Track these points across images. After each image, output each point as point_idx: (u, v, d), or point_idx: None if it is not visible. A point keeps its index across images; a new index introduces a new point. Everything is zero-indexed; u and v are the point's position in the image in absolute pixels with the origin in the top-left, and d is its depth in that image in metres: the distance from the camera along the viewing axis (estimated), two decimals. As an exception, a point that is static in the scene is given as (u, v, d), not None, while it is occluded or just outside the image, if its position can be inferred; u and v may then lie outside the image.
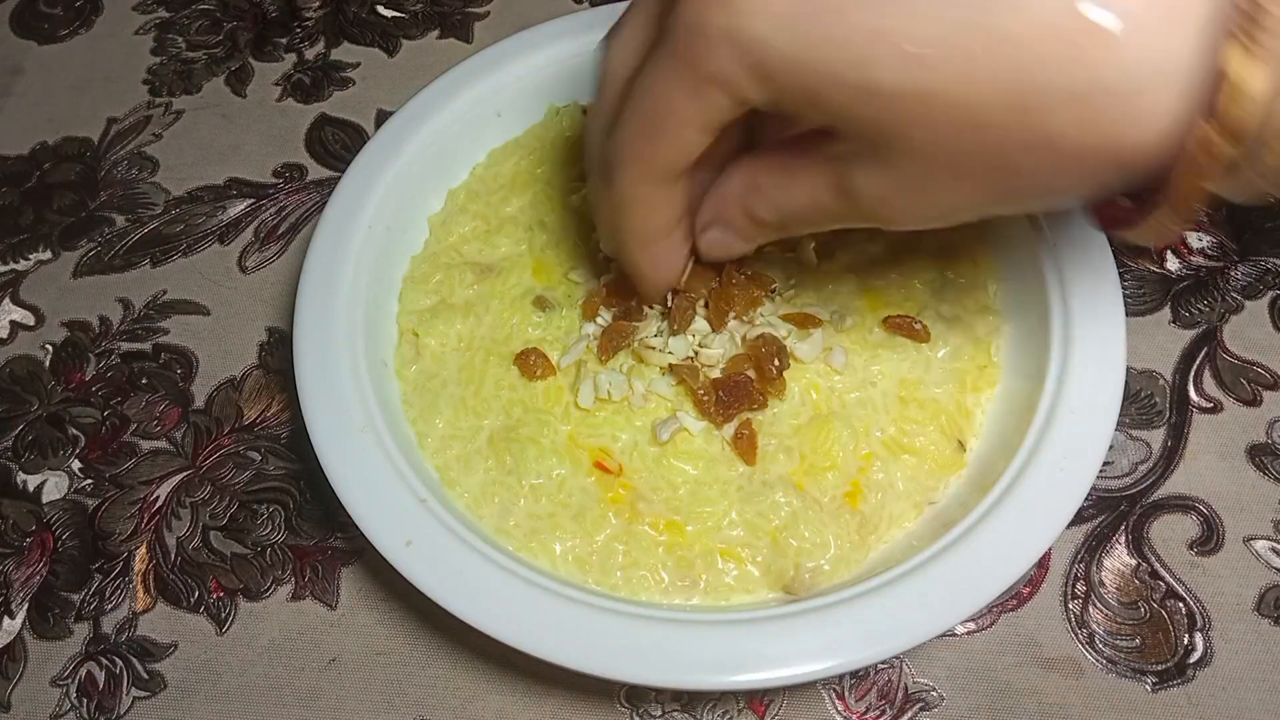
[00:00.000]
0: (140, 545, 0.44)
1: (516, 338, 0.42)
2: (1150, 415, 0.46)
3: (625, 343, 0.40)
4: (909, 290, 0.42)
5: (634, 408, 0.39)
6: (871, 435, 0.39)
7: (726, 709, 0.40)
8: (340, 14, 0.62)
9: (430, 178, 0.45)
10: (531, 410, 0.40)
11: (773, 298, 0.41)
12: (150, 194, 0.55)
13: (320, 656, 0.41)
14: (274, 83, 0.59)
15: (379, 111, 0.57)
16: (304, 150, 0.56)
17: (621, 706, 0.40)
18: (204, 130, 0.57)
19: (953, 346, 0.41)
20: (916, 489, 0.38)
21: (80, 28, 0.62)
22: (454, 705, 0.40)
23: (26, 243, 0.53)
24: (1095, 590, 0.41)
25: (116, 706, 0.40)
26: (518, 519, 0.38)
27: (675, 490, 0.38)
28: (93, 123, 0.58)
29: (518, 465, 0.38)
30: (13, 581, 0.43)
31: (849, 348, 0.40)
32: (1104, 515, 0.43)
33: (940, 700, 0.39)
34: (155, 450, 0.46)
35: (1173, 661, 0.40)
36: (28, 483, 0.46)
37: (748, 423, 0.38)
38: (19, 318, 0.51)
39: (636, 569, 0.37)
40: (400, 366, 0.42)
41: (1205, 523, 0.43)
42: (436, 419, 0.40)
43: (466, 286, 0.43)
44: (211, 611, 0.42)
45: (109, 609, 0.43)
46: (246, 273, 0.52)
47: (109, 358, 0.49)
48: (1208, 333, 0.48)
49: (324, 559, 0.43)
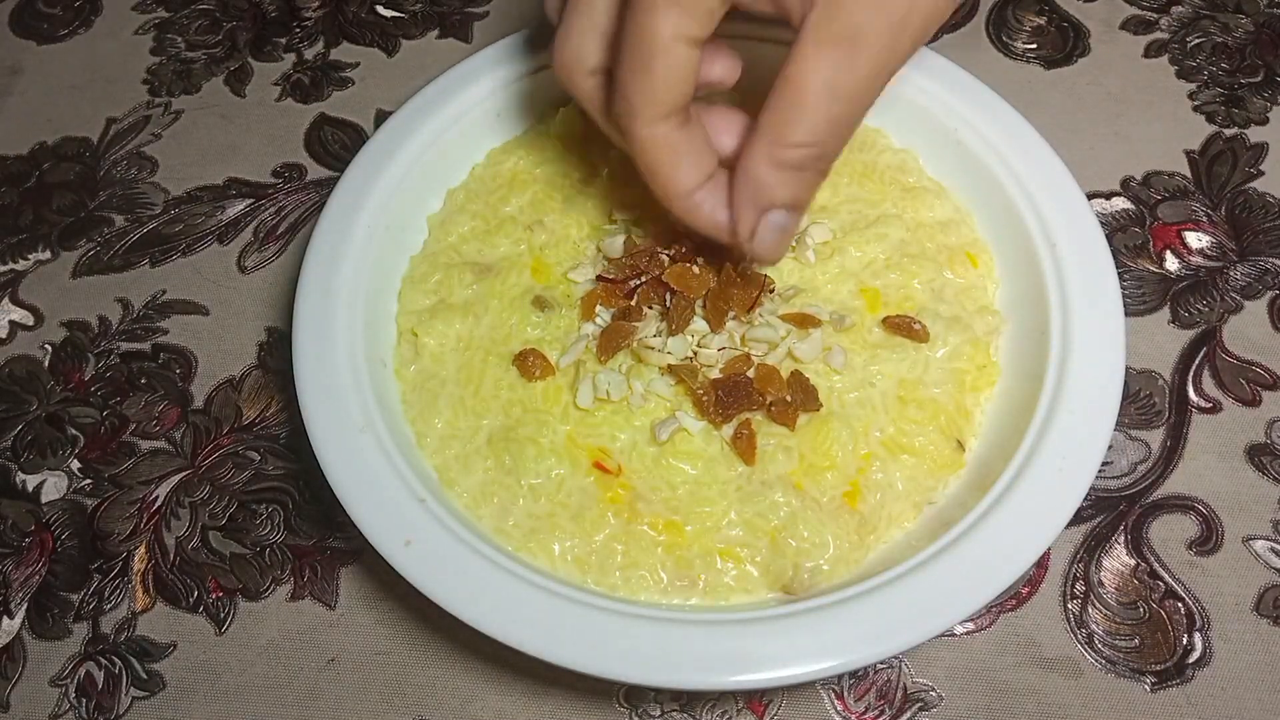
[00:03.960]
0: (139, 545, 0.44)
1: (515, 338, 0.42)
2: (1149, 415, 0.46)
3: (624, 343, 0.40)
4: (908, 290, 0.42)
5: (633, 408, 0.39)
6: (870, 435, 0.39)
7: (725, 709, 0.40)
8: (339, 14, 0.62)
9: (430, 177, 0.45)
10: (530, 410, 0.40)
11: (772, 298, 0.41)
12: (149, 194, 0.55)
13: (319, 656, 0.41)
14: (273, 83, 0.59)
15: (378, 111, 0.57)
16: (303, 150, 0.56)
17: (620, 706, 0.40)
18: (203, 130, 0.57)
19: (952, 346, 0.41)
20: (915, 489, 0.38)
21: (80, 28, 0.62)
22: (453, 705, 0.40)
23: (26, 243, 0.53)
24: (1094, 590, 0.41)
25: (115, 706, 0.40)
26: (517, 519, 0.38)
27: (674, 490, 0.38)
28: (92, 123, 0.58)
29: (517, 465, 0.38)
30: (12, 581, 0.43)
31: (848, 348, 0.40)
32: (1103, 515, 0.43)
33: (939, 700, 0.39)
34: (154, 450, 0.46)
35: (1172, 661, 0.40)
36: (27, 483, 0.46)
37: (747, 423, 0.38)
38: (18, 318, 0.51)
39: (635, 569, 0.37)
40: (399, 366, 0.42)
41: (1204, 523, 0.43)
42: (435, 419, 0.40)
43: (465, 286, 0.43)
44: (210, 611, 0.42)
45: (108, 609, 0.43)
46: (246, 273, 0.52)
47: (108, 358, 0.49)
48: (1207, 333, 0.48)
49: (323, 559, 0.43)
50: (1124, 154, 0.54)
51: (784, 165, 0.33)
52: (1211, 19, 0.59)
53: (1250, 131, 0.54)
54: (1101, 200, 0.52)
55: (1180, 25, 0.59)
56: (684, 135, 0.34)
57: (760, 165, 0.34)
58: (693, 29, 0.32)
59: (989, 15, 0.60)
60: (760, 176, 0.34)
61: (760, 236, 0.35)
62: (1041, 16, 0.59)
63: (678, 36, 0.31)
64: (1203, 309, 0.48)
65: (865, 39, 0.31)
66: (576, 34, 0.35)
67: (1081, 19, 0.59)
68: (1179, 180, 0.53)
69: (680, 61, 0.32)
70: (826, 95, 0.32)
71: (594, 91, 0.36)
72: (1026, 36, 0.59)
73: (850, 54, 0.31)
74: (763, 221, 0.35)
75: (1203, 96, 0.56)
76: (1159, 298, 0.49)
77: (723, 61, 0.36)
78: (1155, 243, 0.50)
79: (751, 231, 0.35)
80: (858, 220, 0.44)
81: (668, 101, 0.33)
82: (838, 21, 0.31)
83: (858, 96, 0.32)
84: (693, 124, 0.35)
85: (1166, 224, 0.51)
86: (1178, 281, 0.49)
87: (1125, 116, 0.55)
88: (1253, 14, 0.59)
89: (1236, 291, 0.49)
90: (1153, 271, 0.50)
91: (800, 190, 0.35)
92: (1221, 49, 0.57)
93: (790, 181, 0.34)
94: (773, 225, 0.35)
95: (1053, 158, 0.43)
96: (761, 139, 0.33)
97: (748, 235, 0.35)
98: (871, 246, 0.43)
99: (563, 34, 0.36)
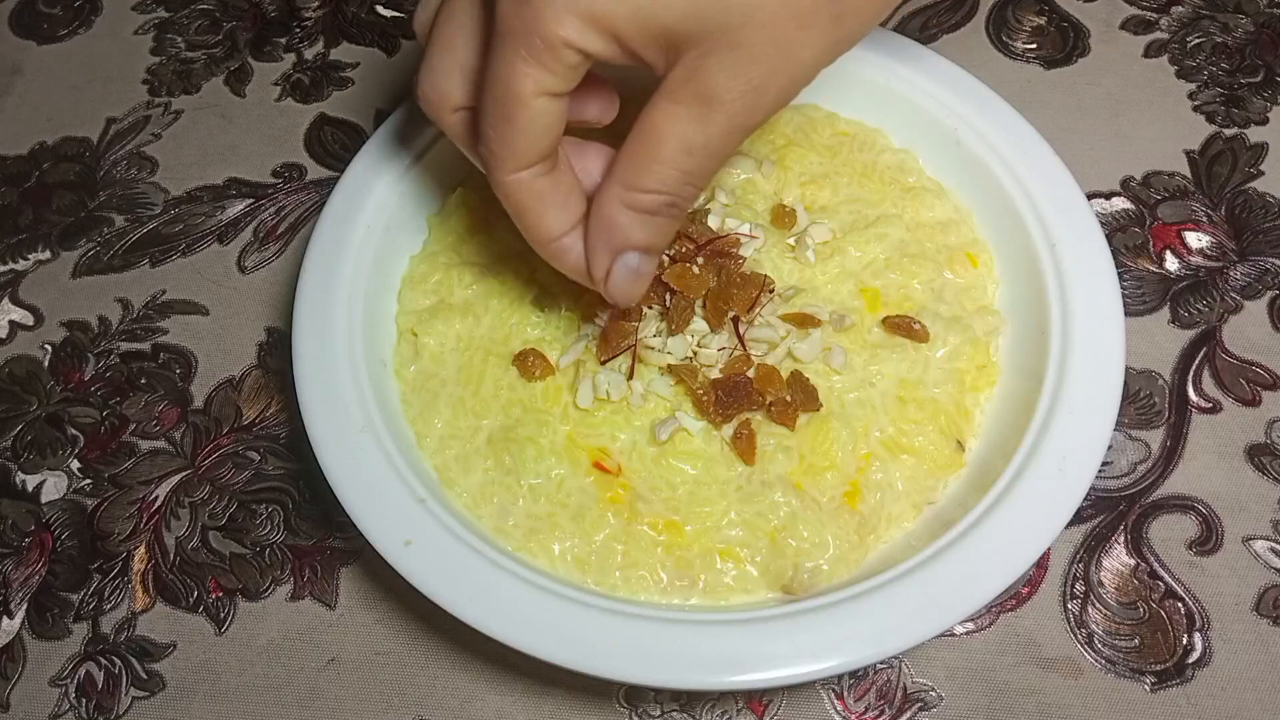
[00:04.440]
0: (139, 545, 0.44)
1: (515, 338, 0.42)
2: (1149, 415, 0.46)
3: (625, 343, 0.40)
4: (908, 290, 0.42)
5: (633, 408, 0.39)
6: (870, 435, 0.39)
7: (725, 709, 0.40)
8: (339, 14, 0.62)
9: (430, 177, 0.45)
10: (530, 410, 0.40)
11: (772, 298, 0.41)
12: (149, 194, 0.55)
13: (319, 656, 0.41)
14: (273, 83, 0.59)
15: (378, 111, 0.57)
16: (303, 150, 0.56)
17: (620, 706, 0.40)
18: (203, 130, 0.57)
19: (952, 346, 0.41)
20: (915, 489, 0.38)
21: (79, 28, 0.62)
22: (453, 705, 0.40)
23: (26, 243, 0.53)
24: (1094, 590, 0.41)
25: (115, 706, 0.40)
26: (516, 519, 0.38)
27: (674, 490, 0.38)
28: (92, 123, 0.58)
29: (516, 465, 0.38)
30: (11, 581, 0.43)
31: (848, 348, 0.40)
32: (1103, 515, 0.43)
33: (939, 700, 0.39)
34: (154, 450, 0.46)
35: (1172, 662, 0.40)
36: (27, 482, 0.46)
37: (747, 423, 0.38)
38: (18, 318, 0.51)
39: (635, 569, 0.37)
40: (399, 366, 0.42)
41: (1204, 523, 0.43)
42: (435, 419, 0.40)
43: (465, 286, 0.43)
44: (210, 611, 0.42)
45: (108, 609, 0.43)
46: (245, 273, 0.52)
47: (108, 358, 0.49)
48: (1207, 333, 0.48)
49: (323, 559, 0.43)
50: (1124, 154, 0.54)
51: (636, 209, 0.33)
52: (1211, 19, 0.59)
53: (1250, 131, 0.54)
54: (1101, 200, 0.52)
55: (1180, 25, 0.59)
56: (549, 182, 0.34)
57: (612, 207, 0.33)
58: (554, 85, 0.31)
59: (989, 15, 0.60)
60: (613, 218, 0.34)
61: (614, 278, 0.35)
62: (1041, 16, 0.59)
63: (538, 92, 0.31)
64: (1203, 309, 0.48)
65: (721, 102, 0.31)
66: (440, 71, 0.35)
67: (1081, 19, 0.59)
68: (1179, 180, 0.53)
69: (541, 114, 0.32)
70: (680, 149, 0.32)
71: (459, 127, 0.36)
72: (1026, 36, 0.59)
73: (705, 114, 0.31)
74: (617, 263, 0.35)
75: (1203, 96, 0.56)
76: (1159, 298, 0.49)
77: (599, 101, 0.36)
78: (1155, 243, 0.50)
79: (606, 273, 0.35)
80: (858, 220, 0.44)
81: (530, 153, 0.33)
82: (695, 82, 0.31)
83: (710, 153, 0.32)
84: (559, 171, 0.34)
85: (1166, 224, 0.51)
86: (1178, 281, 0.49)
87: (1125, 116, 0.55)
88: (1253, 14, 0.59)
89: (1236, 291, 0.49)
90: (1153, 271, 0.50)
91: (653, 234, 0.34)
92: (1221, 49, 0.57)
93: (643, 224, 0.34)
94: (626, 267, 0.35)
95: (1053, 158, 0.43)
96: (615, 182, 0.33)
97: (601, 276, 0.35)
98: (871, 246, 0.43)
99: (426, 69, 0.35)
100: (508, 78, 0.31)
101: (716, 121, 0.31)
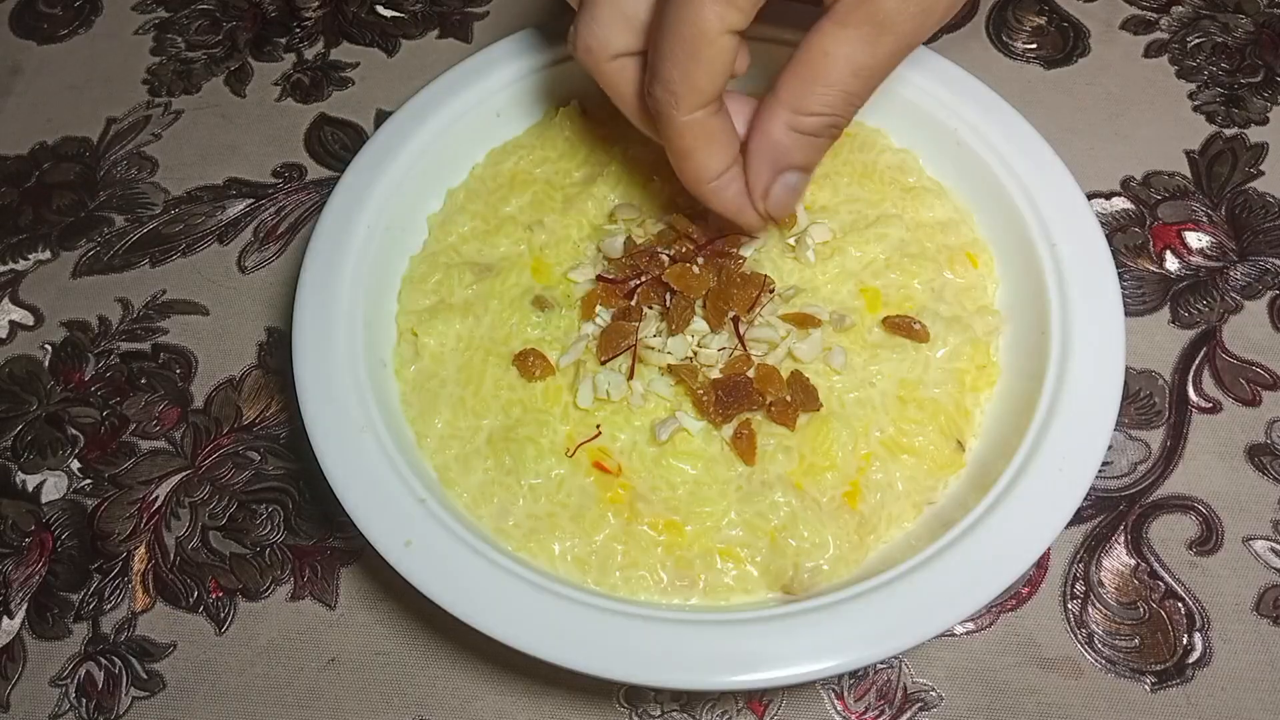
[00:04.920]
0: (139, 545, 0.44)
1: (515, 338, 0.42)
2: (1149, 415, 0.46)
3: (625, 343, 0.40)
4: (908, 290, 0.42)
5: (633, 408, 0.39)
6: (870, 435, 0.39)
7: (725, 709, 0.40)
8: (339, 14, 0.62)
9: (430, 178, 0.45)
10: (530, 410, 0.40)
11: (772, 298, 0.41)
12: (149, 194, 0.55)
13: (319, 656, 0.41)
14: (273, 82, 0.59)
15: (378, 111, 0.57)
16: (303, 150, 0.56)
17: (620, 706, 0.40)
18: (203, 130, 0.57)
19: (952, 346, 0.41)
20: (915, 489, 0.38)
21: (79, 28, 0.62)
22: (453, 705, 0.40)
23: (26, 243, 0.53)
24: (1094, 590, 0.41)
25: (115, 706, 0.40)
26: (517, 519, 0.38)
27: (674, 490, 0.38)
28: (92, 123, 0.58)
29: (517, 465, 0.38)
30: (12, 581, 0.43)
31: (848, 348, 0.40)
32: (1103, 515, 0.43)
33: (939, 700, 0.39)
34: (154, 450, 0.46)
35: (1172, 661, 0.40)
36: (27, 482, 0.46)
37: (747, 423, 0.38)
38: (18, 318, 0.51)
39: (635, 569, 0.37)
40: (399, 366, 0.42)
41: (1204, 523, 0.43)
42: (435, 419, 0.40)
43: (465, 286, 0.43)
44: (210, 611, 0.42)
45: (108, 609, 0.43)
46: (246, 273, 0.52)
47: (108, 358, 0.49)
48: (1207, 333, 0.48)
49: (323, 559, 0.43)
50: (1124, 154, 0.54)
51: (801, 130, 0.35)
52: (1211, 19, 0.59)
53: (1250, 131, 0.54)
54: (1101, 200, 0.52)
55: (1180, 25, 0.59)
56: (717, 122, 0.36)
57: (778, 130, 0.36)
58: (738, 21, 0.33)
59: (989, 15, 0.60)
60: (778, 140, 0.36)
61: (774, 195, 0.38)
62: (1041, 17, 0.59)
63: (723, 29, 0.33)
64: (1203, 309, 0.48)
65: (893, 24, 0.33)
66: (602, 20, 0.36)
67: (1081, 19, 0.59)
68: (1179, 180, 0.53)
69: (724, 52, 0.33)
70: (848, 71, 0.34)
71: (616, 75, 0.37)
72: (1026, 36, 0.59)
73: (875, 36, 0.33)
74: (778, 181, 0.37)
75: (1203, 96, 0.56)
76: (1159, 298, 0.49)
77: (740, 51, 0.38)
78: (1155, 243, 0.50)
79: (766, 190, 0.37)
80: (858, 220, 0.44)
81: (709, 91, 0.34)
82: (867, 6, 0.32)
83: (875, 73, 0.34)
84: (723, 111, 0.36)
85: (1166, 224, 0.51)
86: (1178, 281, 0.49)
87: (1125, 116, 0.55)
88: (1253, 14, 0.59)
89: (1236, 291, 0.49)
90: (1153, 271, 0.50)
91: (813, 153, 0.37)
92: (1221, 49, 0.57)
93: (805, 146, 0.36)
94: (787, 185, 0.38)
95: (1053, 158, 0.43)
96: (781, 106, 0.35)
97: (762, 193, 0.37)
98: (871, 246, 0.43)
99: (586, 18, 0.36)
100: (695, 16, 0.32)
101: (885, 44, 0.33)
